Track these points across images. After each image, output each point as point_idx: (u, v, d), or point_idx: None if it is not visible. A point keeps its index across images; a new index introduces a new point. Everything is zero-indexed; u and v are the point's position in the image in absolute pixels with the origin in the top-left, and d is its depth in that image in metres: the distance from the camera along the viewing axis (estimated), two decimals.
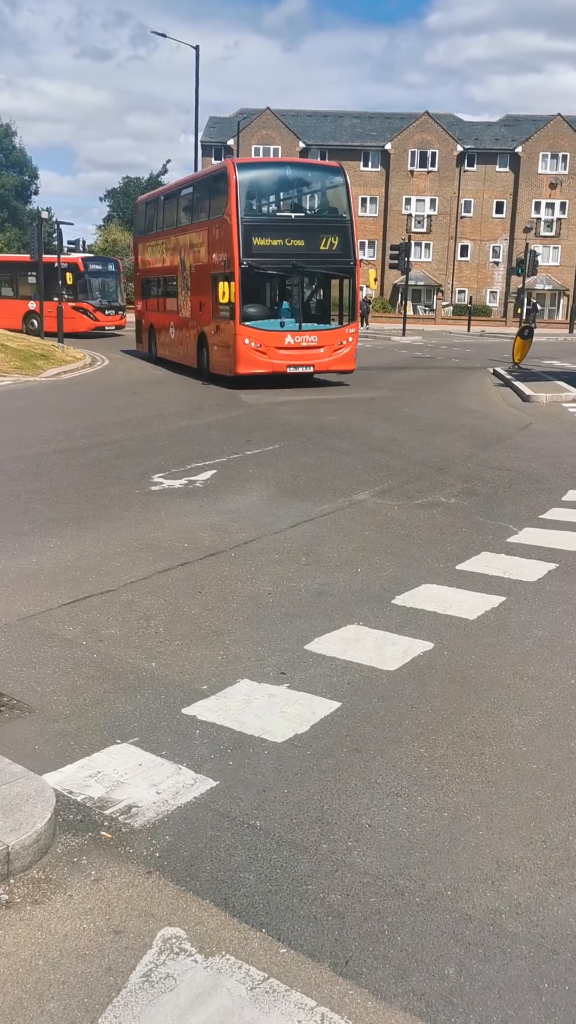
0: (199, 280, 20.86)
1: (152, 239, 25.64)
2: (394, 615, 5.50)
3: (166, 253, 23.89)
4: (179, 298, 22.77)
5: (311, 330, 19.25)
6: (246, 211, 18.50)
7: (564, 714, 4.21)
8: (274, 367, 18.75)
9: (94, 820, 3.29)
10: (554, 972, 2.57)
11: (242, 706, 4.23)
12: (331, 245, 19.14)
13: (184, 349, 22.78)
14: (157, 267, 24.95)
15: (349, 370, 20.04)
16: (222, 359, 19.48)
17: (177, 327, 23.29)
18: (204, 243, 20.33)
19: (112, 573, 6.28)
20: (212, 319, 19.91)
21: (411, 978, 2.54)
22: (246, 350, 18.45)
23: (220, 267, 19.08)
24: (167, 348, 24.62)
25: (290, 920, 2.77)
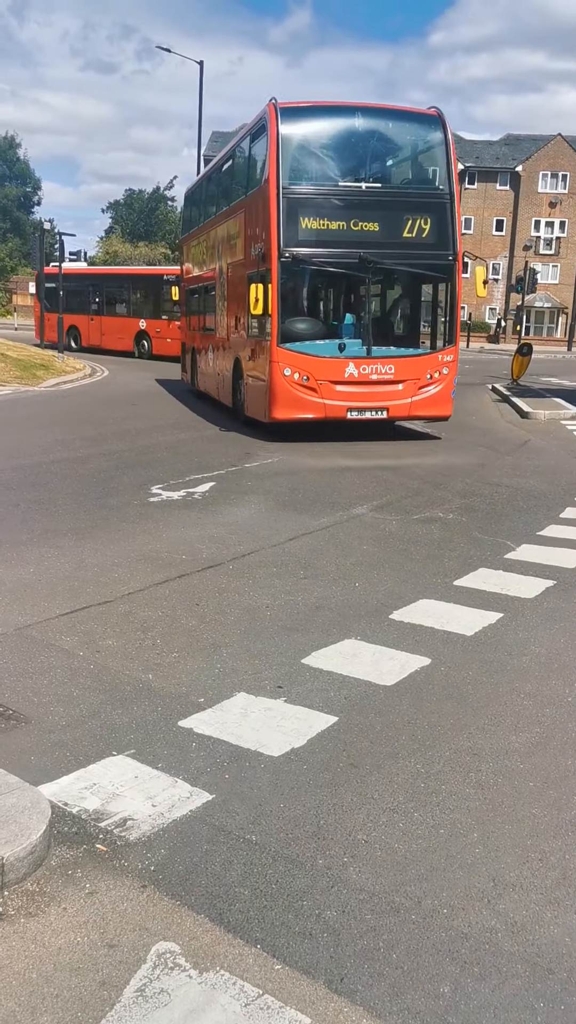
0: (235, 286, 15.14)
1: (194, 238, 20.30)
2: (391, 630, 5.49)
3: (206, 254, 18.50)
4: (216, 312, 17.17)
5: (386, 357, 13.26)
6: (292, 177, 12.78)
7: (561, 732, 4.20)
8: (328, 411, 12.98)
9: (89, 833, 3.27)
10: (550, 992, 2.56)
11: (239, 719, 4.22)
12: (421, 230, 13.19)
13: (219, 381, 17.10)
14: (197, 274, 19.83)
15: (443, 416, 13.91)
16: (256, 397, 13.87)
17: (214, 351, 17.71)
18: (240, 232, 14.72)
19: (110, 584, 6.27)
20: (246, 339, 14.38)
21: (406, 996, 2.52)
22: (286, 385, 12.77)
23: (254, 263, 13.43)
24: (205, 378, 18.99)
25: (285, 936, 2.75)
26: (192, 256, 20.66)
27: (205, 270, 18.61)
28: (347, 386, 13.02)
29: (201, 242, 19.15)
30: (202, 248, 19.12)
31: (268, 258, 12.64)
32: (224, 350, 16.47)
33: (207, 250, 18.38)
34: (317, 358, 12.95)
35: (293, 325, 13.28)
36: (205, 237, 18.59)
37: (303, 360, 12.88)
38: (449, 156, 13.43)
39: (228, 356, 15.98)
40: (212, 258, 17.66)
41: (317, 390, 12.93)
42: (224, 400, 16.52)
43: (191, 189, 22.07)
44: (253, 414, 14.21)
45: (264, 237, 12.87)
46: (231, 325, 15.62)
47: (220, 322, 16.74)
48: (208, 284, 18.33)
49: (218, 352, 17.19)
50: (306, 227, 12.77)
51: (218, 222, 16.81)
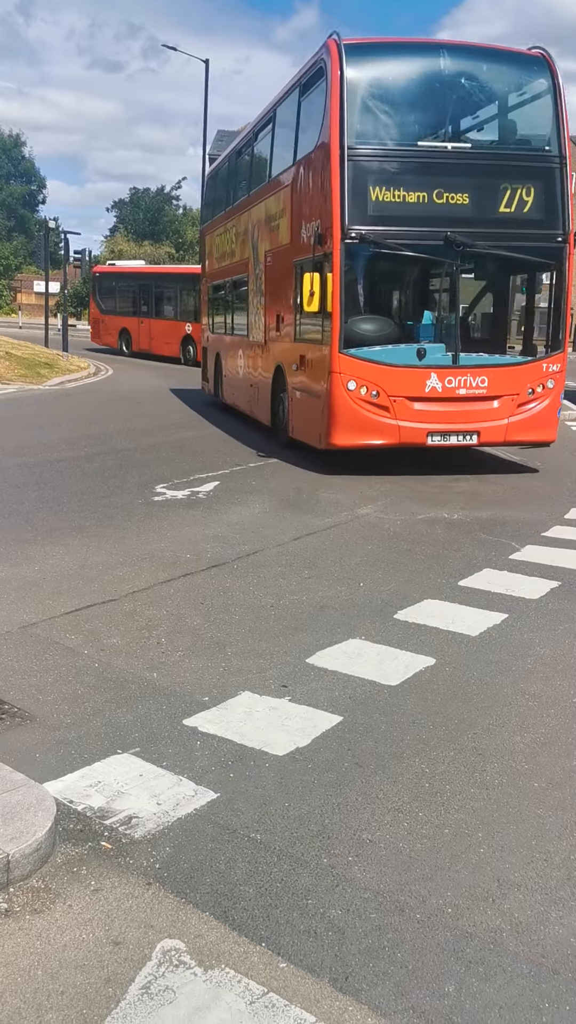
0: (277, 278, 12.60)
1: (219, 225, 17.61)
2: (396, 630, 5.49)
3: (235, 242, 15.81)
4: (249, 311, 14.51)
5: (478, 366, 10.54)
6: (359, 135, 10.06)
7: (566, 732, 4.20)
8: (403, 435, 10.30)
9: (94, 830, 3.28)
10: (555, 992, 2.56)
11: (243, 718, 4.22)
12: (522, 203, 10.35)
13: (253, 393, 14.30)
14: (224, 266, 16.93)
15: (546, 441, 11.19)
16: (308, 415, 11.16)
17: (245, 357, 14.90)
18: (285, 211, 12.06)
19: (114, 582, 6.27)
20: (293, 343, 11.73)
21: (411, 995, 2.52)
22: (350, 402, 10.12)
23: (307, 247, 10.62)
24: (234, 389, 16.22)
25: (290, 934, 2.75)
26: (217, 247, 17.81)
27: (233, 261, 16.05)
28: (428, 403, 10.30)
29: (228, 229, 16.45)
30: (229, 236, 16.34)
31: (328, 240, 10.03)
32: (260, 357, 13.77)
33: (236, 238, 15.66)
34: (390, 368, 10.23)
35: (360, 326, 10.69)
36: (234, 223, 15.82)
37: (372, 370, 10.17)
38: (559, 109, 10.45)
39: (266, 364, 13.28)
40: (244, 246, 14.92)
41: (390, 409, 10.22)
42: (259, 417, 13.98)
43: (215, 168, 19.21)
44: (301, 436, 11.53)
45: (322, 214, 10.24)
46: (271, 326, 12.95)
47: (255, 322, 14.05)
48: (238, 278, 15.68)
49: (252, 359, 14.42)
50: (377, 199, 10.03)
51: (253, 202, 14.11)
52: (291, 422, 12.05)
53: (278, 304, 12.65)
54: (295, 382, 11.78)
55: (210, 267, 18.86)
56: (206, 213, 20.22)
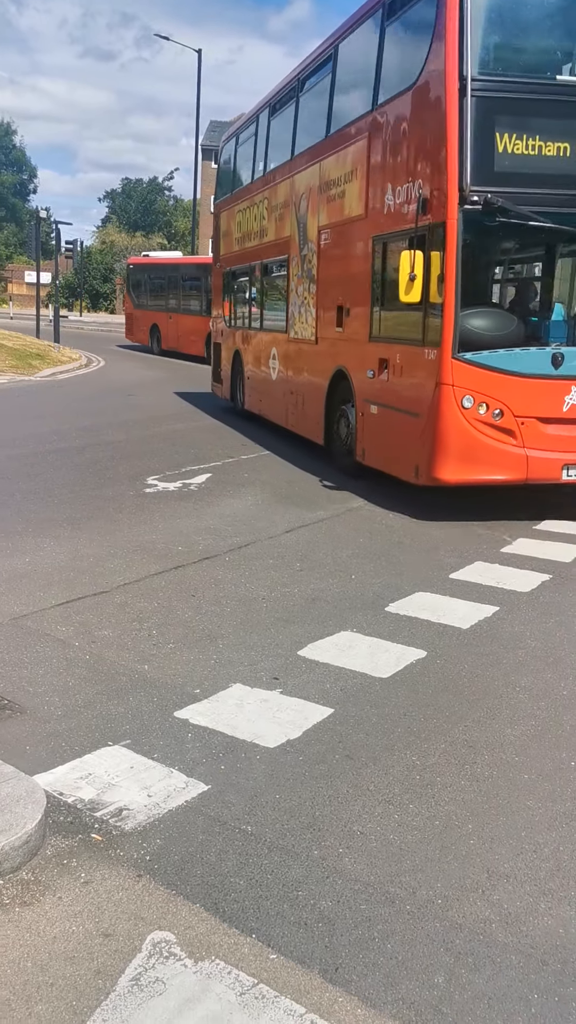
0: (339, 257, 10.36)
1: (240, 200, 15.05)
2: (387, 622, 5.49)
3: (267, 218, 13.31)
4: (290, 300, 12.19)
5: None
6: (484, 64, 7.89)
7: (556, 725, 4.21)
8: (533, 469, 8.03)
9: (84, 822, 3.28)
10: (544, 983, 2.57)
11: (235, 710, 4.22)
12: None
13: (294, 402, 12.12)
14: (250, 247, 14.43)
15: None
16: (394, 439, 8.79)
17: (283, 357, 12.68)
18: (356, 171, 9.61)
19: (105, 575, 6.26)
20: (369, 342, 9.35)
21: (400, 986, 2.53)
22: (466, 424, 7.88)
23: (397, 218, 8.52)
24: (261, 395, 13.92)
25: (280, 926, 2.76)
26: (238, 226, 15.18)
27: (264, 242, 13.46)
28: (564, 427, 7.99)
29: (256, 204, 13.81)
30: (257, 212, 13.78)
31: (437, 206, 7.66)
32: (308, 357, 11.49)
33: (270, 213, 13.08)
34: (519, 379, 7.89)
35: (479, 322, 8.20)
36: (266, 196, 13.30)
37: (495, 382, 7.83)
38: None
39: (318, 367, 10.97)
40: (281, 223, 12.51)
41: (516, 433, 7.90)
42: (301, 431, 11.86)
43: (234, 133, 16.01)
44: (380, 464, 9.26)
45: (428, 171, 7.90)
46: (326, 319, 10.63)
47: (299, 315, 11.71)
48: (271, 261, 13.30)
49: (293, 360, 12.19)
50: (506, 151, 7.67)
51: (298, 168, 11.66)
52: (361, 444, 9.57)
53: (341, 292, 10.17)
54: (370, 393, 9.30)
55: (227, 250, 16.14)
56: (222, 188, 17.08)
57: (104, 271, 62.46)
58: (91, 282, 61.73)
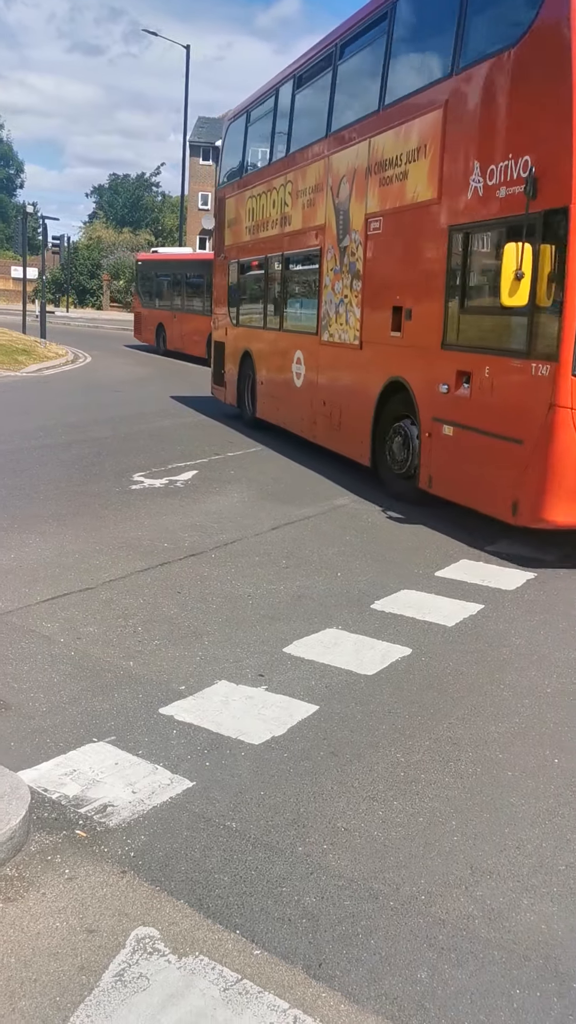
0: (397, 251, 9.00)
1: (254, 184, 13.46)
2: (373, 620, 5.51)
3: (291, 204, 11.81)
4: (323, 298, 10.71)
5: None
6: None
7: (540, 722, 4.24)
8: None
9: (69, 819, 3.27)
10: (526, 978, 2.58)
11: (220, 707, 4.23)
12: None
13: (332, 416, 10.60)
14: (266, 238, 12.98)
15: None
16: (485, 470, 7.47)
17: (314, 364, 11.15)
18: (427, 147, 8.27)
19: (91, 571, 6.25)
20: (441, 350, 8.05)
21: (384, 981, 2.54)
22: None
23: (498, 201, 7.22)
24: (281, 405, 12.40)
25: (264, 922, 2.76)
26: (251, 213, 13.62)
27: (287, 231, 12.02)
28: None
29: (276, 188, 12.35)
30: (278, 197, 12.30)
31: (557, 188, 6.45)
32: (350, 366, 10.03)
33: (295, 198, 11.60)
34: None
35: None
36: (291, 178, 11.74)
37: None
38: None
39: (364, 376, 9.56)
40: (312, 209, 11.04)
41: None
42: (341, 449, 10.41)
43: (245, 108, 14.08)
44: (458, 496, 8.01)
45: (544, 145, 6.64)
46: (379, 322, 9.17)
47: (339, 316, 10.22)
48: (296, 253, 11.88)
49: (330, 367, 10.68)
50: None
51: (341, 144, 10.09)
52: (427, 469, 8.25)
53: (399, 290, 8.74)
54: (443, 410, 8.00)
55: (234, 240, 14.60)
56: (227, 172, 15.46)
57: (91, 267, 62.21)
58: (78, 278, 61.48)
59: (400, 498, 8.85)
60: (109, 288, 60.35)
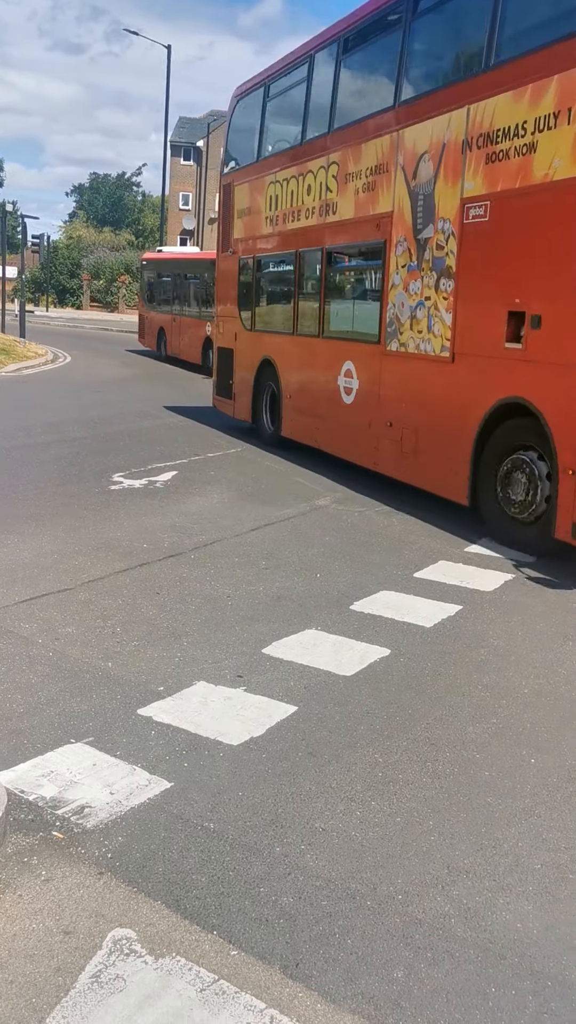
0: (517, 243, 7.20)
1: (279, 168, 11.71)
2: (352, 621, 5.52)
3: (337, 190, 10.09)
4: (392, 301, 8.97)
5: None
6: None
7: (517, 723, 4.27)
8: None
9: (46, 820, 3.26)
10: (501, 977, 2.60)
11: (198, 708, 4.22)
12: None
13: (406, 442, 8.84)
14: (297, 229, 11.19)
15: None
16: None
17: (375, 378, 9.40)
18: None
19: (70, 572, 6.22)
20: None
21: (360, 981, 2.55)
22: None
23: None
24: (323, 424, 10.69)
25: (242, 922, 2.77)
26: (272, 201, 11.92)
27: (330, 220, 10.31)
28: None
29: (314, 171, 10.59)
30: (317, 181, 10.56)
31: None
32: (436, 383, 8.29)
33: (345, 181, 9.88)
34: None
35: None
36: (340, 157, 9.99)
37: None
38: None
39: (463, 398, 7.82)
40: (373, 194, 9.32)
41: None
42: (420, 481, 8.75)
43: (261, 81, 12.32)
44: None
45: None
46: (485, 330, 7.52)
47: (416, 321, 8.50)
48: (347, 247, 10.27)
49: (402, 383, 8.92)
50: None
51: (421, 115, 8.38)
52: (569, 515, 6.65)
53: (520, 291, 7.15)
54: None
55: (249, 232, 12.84)
56: (236, 155, 13.63)
57: (71, 266, 61.94)
58: (58, 277, 61.19)
59: (526, 547, 7.30)
60: (89, 288, 60.13)
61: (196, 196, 62.90)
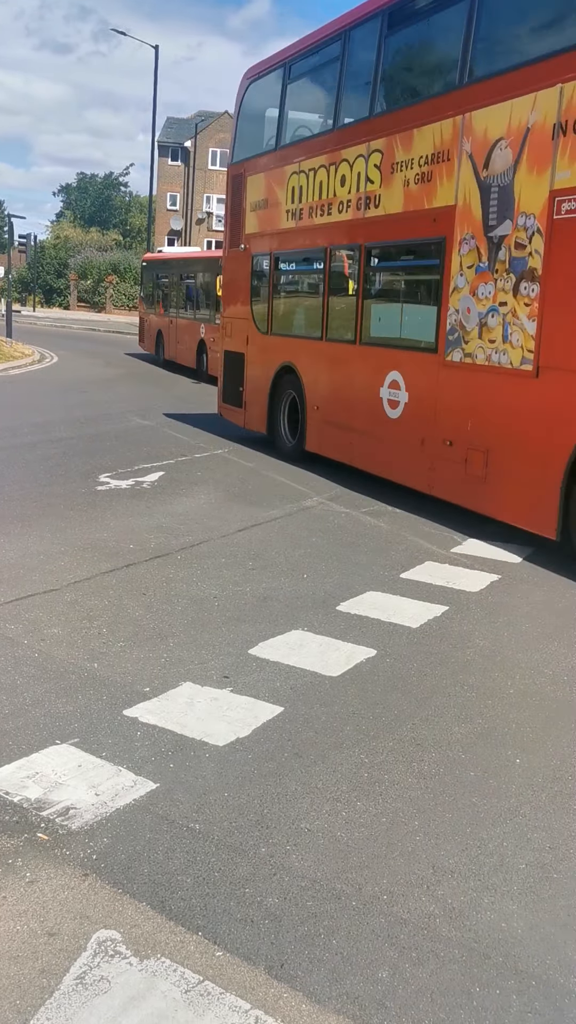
0: None
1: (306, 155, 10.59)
2: (338, 621, 5.53)
3: (381, 180, 9.09)
4: (453, 306, 8.09)
5: None
6: None
7: (502, 723, 4.28)
8: None
9: (31, 821, 3.25)
10: (485, 976, 2.61)
11: (184, 709, 4.22)
12: None
13: (467, 463, 7.96)
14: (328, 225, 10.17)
15: None
16: None
17: (429, 392, 8.52)
18: None
19: (56, 572, 6.21)
20: None
21: (345, 981, 2.55)
22: None
23: None
24: (360, 439, 9.76)
25: (227, 923, 2.76)
26: (296, 192, 10.72)
27: (371, 215, 9.23)
28: None
29: (351, 158, 9.50)
30: (356, 169, 9.43)
31: None
32: (511, 400, 7.43)
33: (393, 170, 8.80)
34: None
35: None
36: (385, 144, 8.89)
37: None
38: None
39: (550, 417, 6.96)
40: (429, 185, 8.31)
41: None
42: (487, 509, 7.87)
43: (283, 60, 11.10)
44: None
45: None
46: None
47: (488, 329, 7.65)
48: (393, 244, 9.26)
49: (464, 398, 8.02)
50: None
51: (496, 95, 7.50)
52: None
53: None
54: None
55: (265, 226, 11.71)
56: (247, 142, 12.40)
57: (58, 266, 61.78)
58: (44, 277, 61.02)
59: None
60: (76, 288, 59.98)
61: (184, 196, 62.87)
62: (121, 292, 57.26)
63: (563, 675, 4.90)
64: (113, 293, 57.25)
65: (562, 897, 2.99)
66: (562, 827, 3.40)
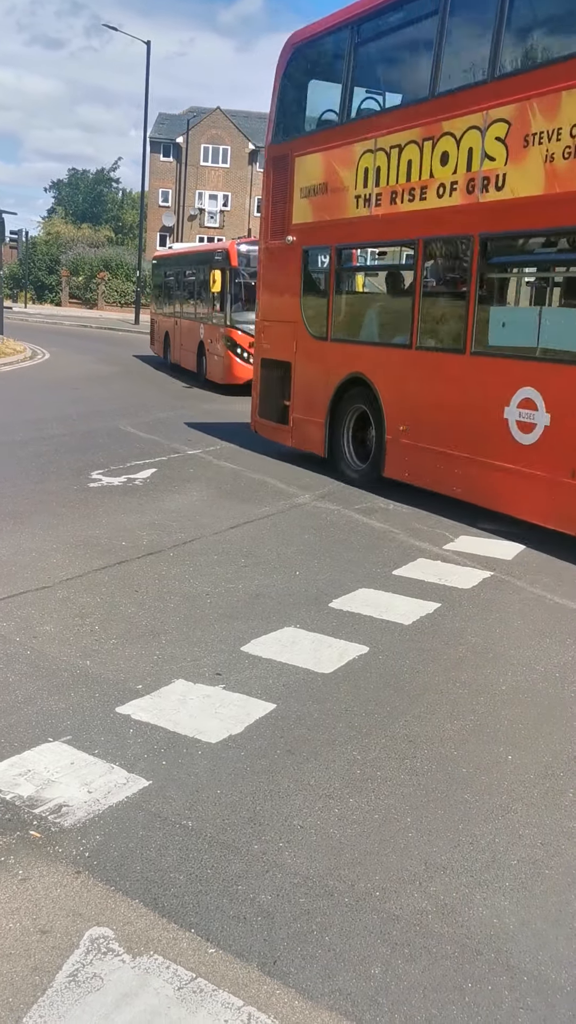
0: None
1: (389, 131, 8.74)
2: (331, 618, 5.53)
3: (512, 158, 7.29)
4: None
5: None
6: None
7: (494, 720, 4.29)
8: None
9: (23, 819, 3.24)
10: (477, 972, 2.62)
11: (177, 706, 4.22)
12: None
13: None
14: (423, 213, 8.38)
15: None
16: None
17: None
18: None
19: (48, 569, 6.19)
20: None
21: (338, 978, 2.56)
22: None
23: None
24: (480, 470, 7.93)
25: (219, 920, 2.77)
26: (375, 175, 8.97)
27: (492, 199, 7.60)
28: None
29: (461, 134, 7.83)
30: (466, 147, 7.79)
31: None
32: None
33: (526, 146, 7.17)
34: None
35: None
36: (515, 114, 7.28)
37: None
38: None
39: None
40: (573, 164, 6.76)
41: None
42: None
43: (345, 21, 9.45)
44: None
45: None
46: None
47: None
48: (512, 237, 7.95)
49: None
50: None
51: None
52: None
53: None
54: None
55: (322, 214, 9.99)
56: (291, 120, 10.76)
57: (49, 262, 61.61)
58: (36, 273, 60.84)
59: None
60: (68, 284, 59.83)
61: (176, 192, 62.74)
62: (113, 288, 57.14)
63: (555, 671, 4.92)
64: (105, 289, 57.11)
65: (554, 893, 3.00)
66: (553, 823, 3.41)
